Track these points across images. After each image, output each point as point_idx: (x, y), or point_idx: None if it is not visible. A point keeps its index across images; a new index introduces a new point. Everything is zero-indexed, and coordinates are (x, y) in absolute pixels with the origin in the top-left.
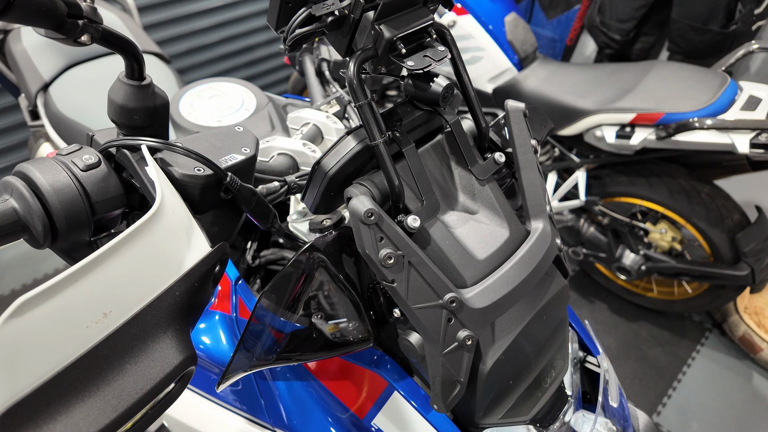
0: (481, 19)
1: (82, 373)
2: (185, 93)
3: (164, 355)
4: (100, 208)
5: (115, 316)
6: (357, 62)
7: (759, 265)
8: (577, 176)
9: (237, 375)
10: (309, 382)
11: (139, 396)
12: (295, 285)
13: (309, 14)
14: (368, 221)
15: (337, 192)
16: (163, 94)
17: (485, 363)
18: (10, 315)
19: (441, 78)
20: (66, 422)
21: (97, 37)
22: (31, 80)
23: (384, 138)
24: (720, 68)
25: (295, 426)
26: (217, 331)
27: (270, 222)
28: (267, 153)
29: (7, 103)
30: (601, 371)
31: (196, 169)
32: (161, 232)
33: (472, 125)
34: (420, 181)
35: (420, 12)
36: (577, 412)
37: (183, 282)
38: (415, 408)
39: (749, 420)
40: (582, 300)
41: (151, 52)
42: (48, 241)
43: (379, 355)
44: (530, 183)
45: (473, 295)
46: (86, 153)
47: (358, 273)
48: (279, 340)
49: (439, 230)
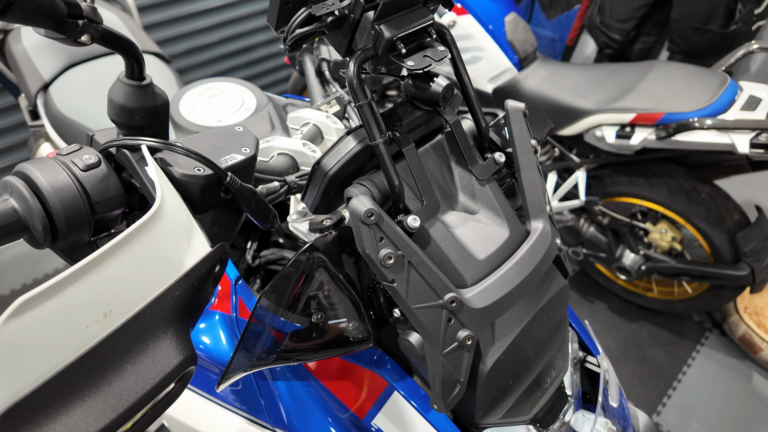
0: (481, 19)
1: (82, 373)
2: (185, 93)
3: (164, 355)
4: (100, 208)
5: (115, 316)
6: (357, 62)
7: (759, 265)
8: (577, 176)
9: (237, 375)
10: (309, 382)
11: (139, 396)
12: (295, 285)
13: (309, 14)
14: (368, 221)
15: (337, 192)
16: (163, 94)
17: (485, 363)
18: (10, 315)
19: (441, 78)
20: (66, 422)
21: (97, 37)
22: (31, 80)
23: (384, 138)
24: (720, 68)
25: (295, 426)
26: (217, 331)
27: (270, 222)
28: (267, 153)
29: (7, 103)
30: (601, 371)
31: (196, 169)
32: (161, 232)
33: (472, 125)
34: (420, 181)
35: (420, 12)
36: (577, 412)
37: (183, 282)
38: (415, 408)
39: (749, 420)
40: (582, 300)
41: (151, 52)
42: (48, 241)
43: (379, 355)
44: (530, 183)
45: (473, 295)
46: (86, 153)
47: (358, 273)
48: (279, 340)
49: (439, 230)
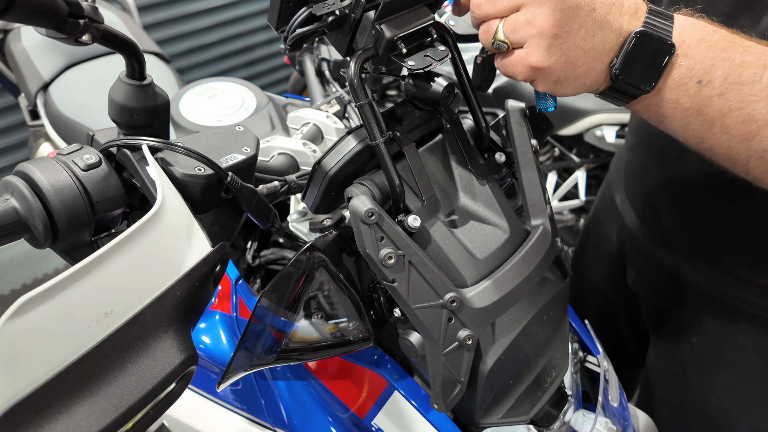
0: None
1: (84, 372)
2: (185, 93)
3: (165, 354)
4: (101, 207)
5: (116, 315)
6: (358, 62)
7: None
8: (577, 176)
9: (237, 375)
10: (309, 381)
11: (141, 395)
12: (295, 285)
13: (309, 14)
14: (369, 221)
15: (337, 192)
16: (164, 94)
17: (485, 363)
18: (11, 315)
19: (441, 78)
20: (67, 422)
21: (98, 36)
22: (31, 80)
23: (384, 138)
24: None
25: (296, 425)
26: (218, 330)
27: (270, 222)
28: (267, 153)
29: (7, 103)
30: (601, 371)
31: (197, 168)
32: (162, 231)
33: (473, 125)
34: (420, 180)
35: (421, 11)
36: (577, 412)
37: (184, 282)
38: (415, 407)
39: None
40: None
41: (151, 52)
42: (49, 240)
43: (380, 354)
44: (530, 183)
45: (473, 295)
46: (87, 153)
47: (359, 273)
48: (279, 339)
49: (440, 230)
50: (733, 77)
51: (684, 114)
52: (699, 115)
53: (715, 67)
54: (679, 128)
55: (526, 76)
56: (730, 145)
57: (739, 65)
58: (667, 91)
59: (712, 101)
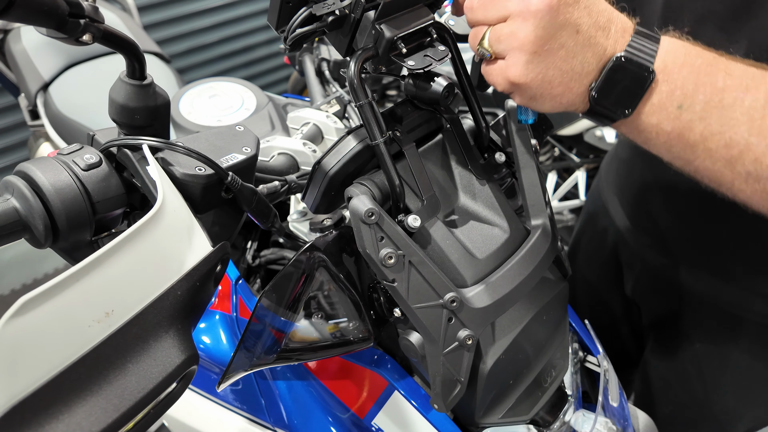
0: None
1: (84, 372)
2: (185, 93)
3: (166, 354)
4: (102, 207)
5: (117, 315)
6: (358, 62)
7: None
8: (577, 176)
9: (237, 375)
10: (309, 381)
11: (141, 395)
12: (295, 285)
13: (309, 14)
14: (369, 221)
15: (337, 192)
16: (164, 94)
17: (485, 363)
18: (12, 315)
19: (441, 78)
20: (68, 422)
21: (98, 36)
22: (30, 80)
23: (384, 138)
24: None
25: (296, 425)
26: (218, 330)
27: (271, 221)
28: (267, 152)
29: (7, 103)
30: (601, 371)
31: (197, 168)
32: (162, 231)
33: (472, 125)
34: (420, 180)
35: (421, 11)
36: (577, 412)
37: (184, 281)
38: (415, 407)
39: None
40: None
41: (151, 52)
42: (49, 240)
43: (380, 354)
44: (530, 183)
45: (474, 295)
46: (87, 152)
47: (359, 273)
48: (279, 339)
49: (440, 230)
50: (715, 101)
51: (666, 137)
52: (681, 139)
53: (696, 91)
54: (662, 151)
55: (504, 87)
56: (714, 168)
57: (721, 89)
58: (647, 116)
59: (693, 125)
